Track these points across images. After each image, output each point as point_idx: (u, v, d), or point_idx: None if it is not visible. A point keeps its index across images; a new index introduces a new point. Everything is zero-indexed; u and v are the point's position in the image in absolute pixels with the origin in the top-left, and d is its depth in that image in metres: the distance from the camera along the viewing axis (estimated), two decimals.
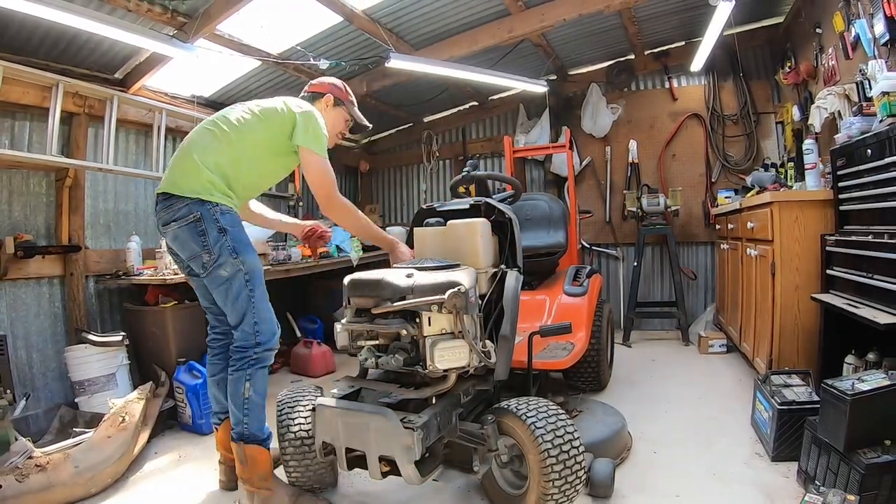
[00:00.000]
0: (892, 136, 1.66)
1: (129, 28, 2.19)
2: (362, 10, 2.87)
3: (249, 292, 1.65)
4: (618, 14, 3.34)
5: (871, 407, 1.41)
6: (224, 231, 1.62)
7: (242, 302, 1.65)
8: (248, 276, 1.65)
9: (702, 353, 3.42)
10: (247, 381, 1.64)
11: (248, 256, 1.66)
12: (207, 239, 1.61)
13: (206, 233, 1.61)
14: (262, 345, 1.66)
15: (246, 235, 1.70)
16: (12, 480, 1.63)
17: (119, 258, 2.85)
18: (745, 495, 1.64)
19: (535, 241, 2.81)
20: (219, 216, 1.63)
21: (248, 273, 1.65)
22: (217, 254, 1.62)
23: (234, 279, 1.64)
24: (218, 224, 1.62)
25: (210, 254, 1.62)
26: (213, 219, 1.62)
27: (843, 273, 1.96)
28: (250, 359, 1.65)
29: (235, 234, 1.65)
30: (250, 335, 1.65)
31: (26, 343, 2.50)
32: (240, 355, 1.66)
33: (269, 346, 1.67)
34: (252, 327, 1.65)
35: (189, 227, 1.62)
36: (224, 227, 1.63)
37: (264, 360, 1.68)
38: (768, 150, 3.89)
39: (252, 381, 1.64)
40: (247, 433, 1.64)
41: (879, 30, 2.07)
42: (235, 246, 1.64)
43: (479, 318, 1.54)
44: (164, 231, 1.69)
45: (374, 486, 1.77)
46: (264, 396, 1.68)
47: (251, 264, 1.67)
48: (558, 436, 1.41)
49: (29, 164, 2.52)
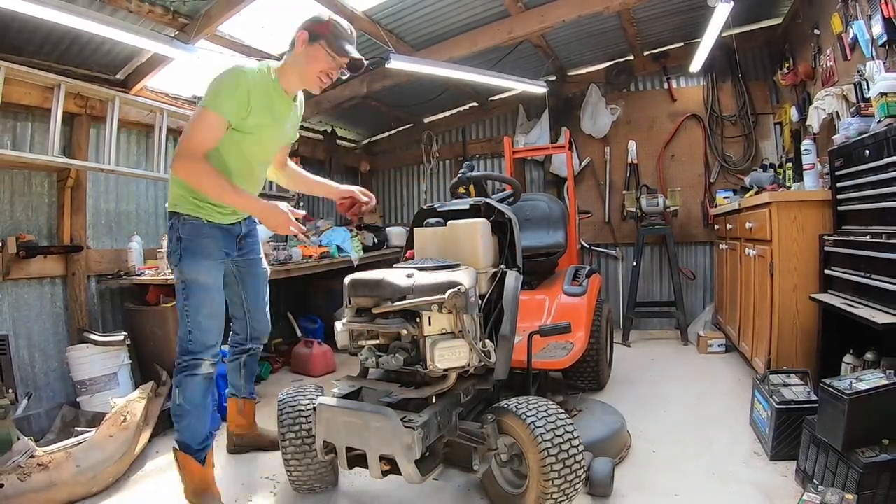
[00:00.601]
0: (890, 137, 1.66)
1: (130, 29, 2.19)
2: (363, 12, 2.88)
3: (184, 300, 1.69)
4: (617, 15, 3.35)
5: (869, 406, 1.42)
6: (179, 240, 1.69)
7: (180, 310, 1.71)
8: (184, 285, 1.69)
9: (701, 352, 3.43)
10: (176, 388, 1.67)
11: (190, 265, 1.68)
12: (171, 247, 1.73)
13: (171, 241, 1.72)
14: (191, 353, 1.67)
15: (205, 246, 1.70)
16: (14, 479, 1.64)
17: (120, 258, 2.86)
18: (744, 494, 1.64)
19: (535, 242, 2.81)
20: (179, 226, 1.70)
21: (184, 282, 1.69)
22: (172, 263, 1.74)
23: (177, 287, 1.72)
24: (177, 233, 1.70)
25: (169, 263, 1.77)
26: (175, 229, 1.70)
27: (841, 273, 1.97)
28: (181, 366, 1.68)
29: (189, 242, 1.69)
30: (183, 341, 1.69)
31: (28, 343, 2.51)
32: (176, 362, 1.70)
33: (198, 356, 1.68)
34: (186, 335, 1.68)
35: (168, 235, 1.76)
36: (180, 237, 1.69)
37: (192, 369, 1.67)
38: (767, 150, 3.91)
39: (181, 388, 1.66)
40: (179, 440, 1.67)
41: (877, 31, 2.08)
42: (182, 255, 1.69)
43: (479, 318, 1.54)
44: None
45: (375, 485, 1.78)
46: (199, 405, 1.68)
47: (189, 273, 1.69)
48: (558, 435, 1.41)
49: (31, 165, 2.52)
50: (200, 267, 1.71)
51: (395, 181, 5.40)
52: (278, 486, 1.85)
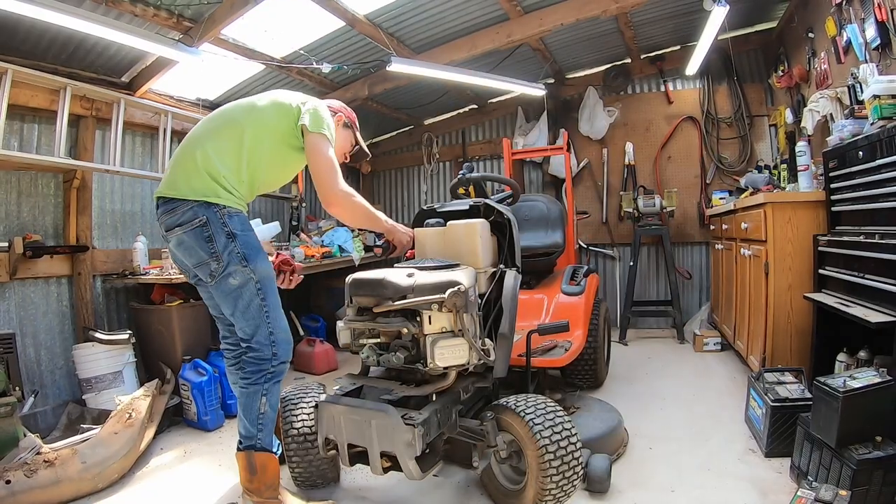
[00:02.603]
0: (883, 139, 1.68)
1: (135, 32, 2.21)
2: (364, 15, 2.91)
3: (262, 301, 1.54)
4: (614, 19, 3.38)
5: (863, 404, 1.44)
6: (233, 236, 1.51)
7: (254, 312, 1.54)
8: (259, 285, 1.54)
9: (697, 350, 3.46)
10: (263, 397, 1.54)
11: (259, 263, 1.55)
12: (215, 245, 1.50)
13: (213, 238, 1.50)
14: (278, 357, 1.56)
15: (257, 240, 1.60)
16: (21, 476, 1.66)
17: (126, 258, 2.89)
18: (739, 490, 1.66)
19: (534, 242, 2.84)
20: (226, 220, 1.51)
21: (259, 281, 1.54)
22: (226, 261, 1.50)
23: (244, 288, 1.53)
24: (226, 229, 1.50)
25: (218, 261, 1.50)
26: (220, 223, 1.50)
27: (835, 273, 1.99)
28: (267, 373, 1.55)
29: (245, 238, 1.54)
30: (266, 346, 1.54)
31: (35, 341, 2.54)
32: (255, 368, 1.55)
33: (285, 358, 1.58)
34: (267, 338, 1.54)
35: (195, 231, 1.50)
36: (232, 232, 1.51)
37: (280, 374, 1.58)
38: (762, 152, 3.94)
39: (268, 395, 1.55)
40: (258, 446, 1.57)
41: (871, 34, 2.10)
42: (246, 252, 1.52)
43: (479, 317, 1.55)
44: (167, 237, 1.58)
45: (376, 481, 1.80)
46: (276, 409, 1.62)
47: (263, 271, 1.56)
48: (556, 432, 1.44)
49: (37, 166, 2.55)
50: (266, 260, 1.59)
51: (395, 182, 5.43)
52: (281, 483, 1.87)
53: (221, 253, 1.51)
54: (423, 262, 1.64)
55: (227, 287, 1.53)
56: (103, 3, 2.24)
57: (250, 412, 1.55)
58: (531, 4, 3.07)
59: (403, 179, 5.39)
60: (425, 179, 5.19)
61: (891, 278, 1.58)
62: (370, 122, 4.96)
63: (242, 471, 1.57)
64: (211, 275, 1.53)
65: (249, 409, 1.55)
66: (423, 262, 1.64)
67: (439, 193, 5.15)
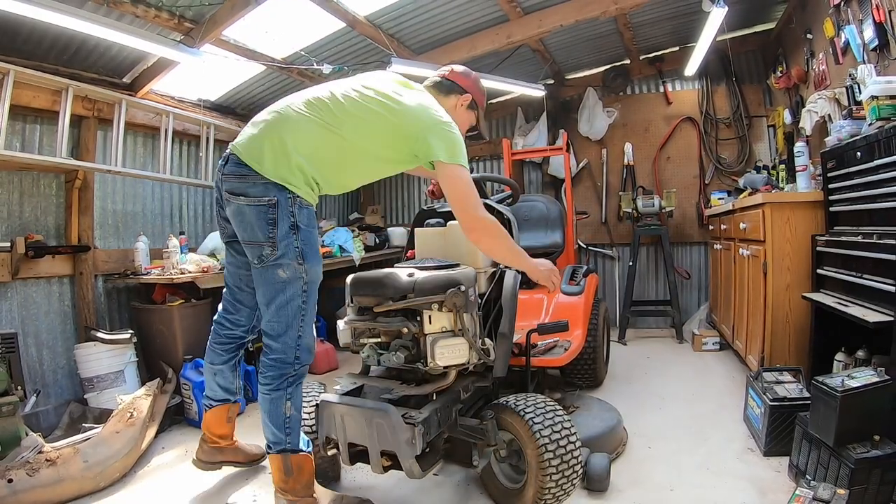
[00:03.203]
0: (881, 139, 1.69)
1: (136, 34, 2.22)
2: (364, 17, 2.92)
3: (302, 304, 1.49)
4: (613, 20, 3.39)
5: (861, 403, 1.44)
6: (296, 228, 1.44)
7: (292, 311, 1.48)
8: (306, 287, 1.49)
9: (695, 350, 3.47)
10: (287, 401, 1.51)
11: (313, 264, 1.51)
12: (276, 231, 1.41)
13: (275, 223, 1.41)
14: (300, 360, 1.52)
15: (318, 239, 1.55)
16: (23, 475, 1.66)
17: (127, 258, 2.89)
18: (738, 489, 1.66)
19: (533, 242, 2.85)
20: (296, 210, 1.44)
21: (308, 283, 1.49)
22: (281, 252, 1.43)
23: (291, 284, 1.46)
24: (292, 218, 1.43)
25: (273, 248, 1.42)
26: (288, 210, 1.42)
27: (833, 272, 2.00)
28: (289, 376, 1.51)
29: (307, 235, 1.47)
30: (291, 349, 1.50)
31: (37, 341, 2.54)
32: (277, 372, 1.50)
33: (307, 362, 1.56)
34: (295, 341, 1.50)
35: (259, 209, 1.41)
36: (297, 224, 1.44)
37: (302, 376, 1.56)
38: (760, 152, 3.95)
39: (292, 399, 1.52)
40: (289, 448, 1.53)
41: (869, 35, 2.11)
42: (304, 249, 1.46)
43: (479, 317, 1.56)
44: (227, 199, 1.48)
45: (376, 479, 1.80)
46: (301, 409, 1.58)
47: (314, 274, 1.52)
48: (555, 431, 1.44)
49: (39, 167, 2.55)
50: (319, 264, 1.53)
51: (396, 182, 5.43)
52: None
53: (279, 241, 1.43)
54: (423, 262, 1.64)
55: (274, 277, 1.46)
56: (105, 5, 2.24)
57: (276, 417, 1.51)
58: (531, 5, 3.08)
59: (404, 179, 5.39)
60: (426, 180, 5.20)
61: (889, 278, 1.59)
62: None
63: (276, 471, 1.54)
64: (260, 258, 1.45)
65: (275, 415, 1.51)
66: (423, 262, 1.64)
67: None
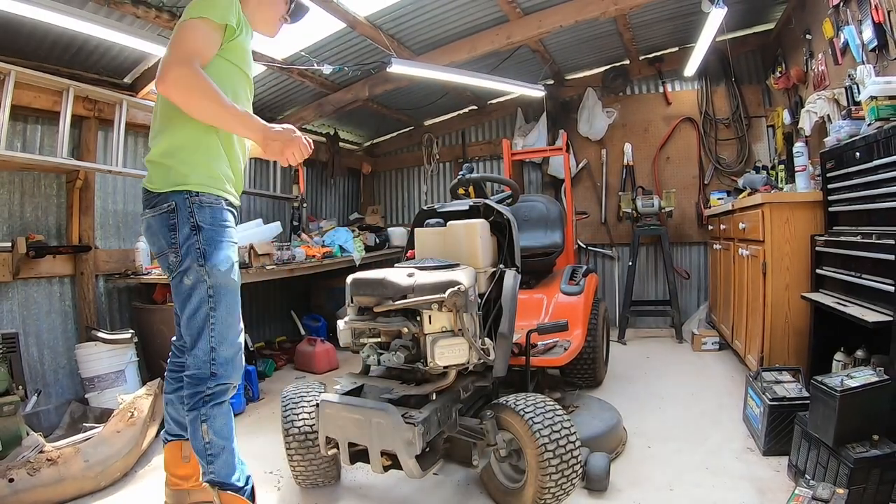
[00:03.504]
0: (880, 140, 1.69)
1: (137, 34, 2.22)
2: (365, 17, 2.92)
3: (210, 310, 1.33)
4: (613, 21, 3.39)
5: (860, 403, 1.45)
6: (197, 229, 1.32)
7: (200, 321, 1.34)
8: (212, 291, 1.33)
9: (695, 350, 3.48)
10: (203, 424, 1.34)
11: (218, 265, 1.34)
12: (177, 235, 1.32)
13: (176, 227, 1.32)
14: (216, 377, 1.35)
15: (227, 237, 1.38)
16: (24, 474, 1.67)
17: (128, 258, 2.90)
18: (737, 488, 1.67)
19: (533, 242, 2.85)
20: (195, 210, 1.32)
21: (213, 287, 1.33)
22: (182, 255, 1.33)
23: (195, 290, 1.33)
24: (192, 220, 1.32)
25: (177, 254, 1.33)
26: (187, 212, 1.32)
27: (832, 272, 2.00)
28: (204, 395, 1.34)
29: (211, 234, 1.34)
30: (204, 363, 1.34)
31: (38, 340, 2.55)
32: (192, 390, 1.35)
33: (225, 379, 1.36)
34: (207, 354, 1.34)
35: (161, 217, 1.33)
36: (198, 225, 1.32)
37: (221, 395, 1.37)
38: (759, 152, 3.95)
39: (209, 421, 1.34)
40: (217, 480, 1.38)
41: (868, 36, 2.11)
42: (206, 249, 1.33)
43: (479, 317, 1.57)
44: (142, 219, 1.43)
45: (376, 479, 1.81)
46: (229, 437, 1.40)
47: (221, 276, 1.35)
48: (555, 431, 1.45)
49: (40, 167, 2.56)
50: (231, 266, 1.37)
51: (396, 183, 5.45)
52: (282, 481, 1.88)
53: (180, 246, 1.33)
54: (423, 262, 1.65)
55: (180, 287, 1.35)
56: (106, 5, 2.25)
57: (196, 442, 1.37)
58: (531, 6, 3.08)
59: (404, 180, 5.41)
60: (425, 180, 5.21)
61: (887, 278, 1.59)
62: (370, 123, 4.98)
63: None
64: (169, 269, 1.36)
65: (195, 440, 1.37)
66: (423, 262, 1.65)
67: (439, 194, 5.17)
